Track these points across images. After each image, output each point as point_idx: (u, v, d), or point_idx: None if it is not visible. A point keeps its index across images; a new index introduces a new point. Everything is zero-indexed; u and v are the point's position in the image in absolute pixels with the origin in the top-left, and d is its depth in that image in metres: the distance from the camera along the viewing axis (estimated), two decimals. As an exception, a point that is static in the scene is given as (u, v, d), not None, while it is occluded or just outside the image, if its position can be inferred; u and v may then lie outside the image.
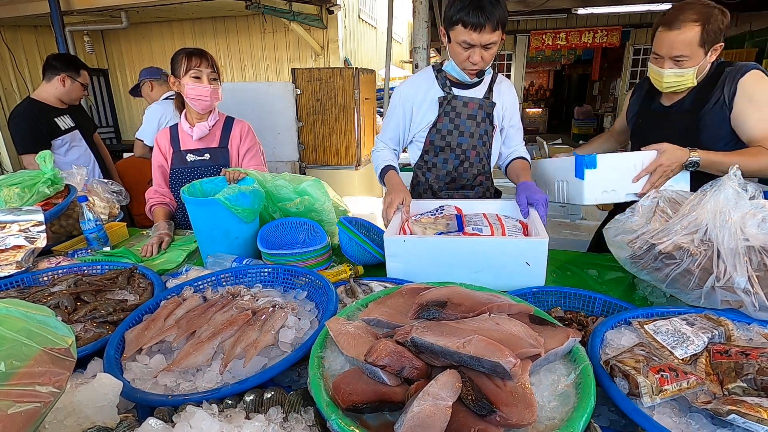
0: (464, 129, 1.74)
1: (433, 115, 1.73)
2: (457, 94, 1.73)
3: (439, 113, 1.73)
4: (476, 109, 1.73)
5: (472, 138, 1.76)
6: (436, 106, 1.73)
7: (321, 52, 5.78)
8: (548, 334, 0.81)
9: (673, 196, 1.24)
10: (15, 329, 0.62)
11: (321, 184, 1.65)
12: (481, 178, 1.86)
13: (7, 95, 5.67)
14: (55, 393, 0.62)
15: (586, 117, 11.13)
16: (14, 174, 1.74)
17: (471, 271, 1.22)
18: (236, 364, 0.90)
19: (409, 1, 4.59)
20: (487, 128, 1.77)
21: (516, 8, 7.31)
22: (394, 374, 0.74)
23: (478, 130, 1.75)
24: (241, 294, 1.15)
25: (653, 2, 6.97)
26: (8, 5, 4.76)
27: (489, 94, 1.75)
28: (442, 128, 1.75)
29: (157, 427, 0.68)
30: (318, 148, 4.19)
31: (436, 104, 1.73)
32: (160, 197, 1.97)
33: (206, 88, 1.80)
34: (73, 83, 2.57)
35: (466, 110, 1.73)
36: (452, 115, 1.73)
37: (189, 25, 6.34)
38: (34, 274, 1.36)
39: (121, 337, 0.99)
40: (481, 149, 1.79)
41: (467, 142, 1.76)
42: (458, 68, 1.62)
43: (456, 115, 1.73)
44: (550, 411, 0.71)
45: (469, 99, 1.73)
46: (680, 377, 0.75)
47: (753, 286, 0.95)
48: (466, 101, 1.72)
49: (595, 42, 8.70)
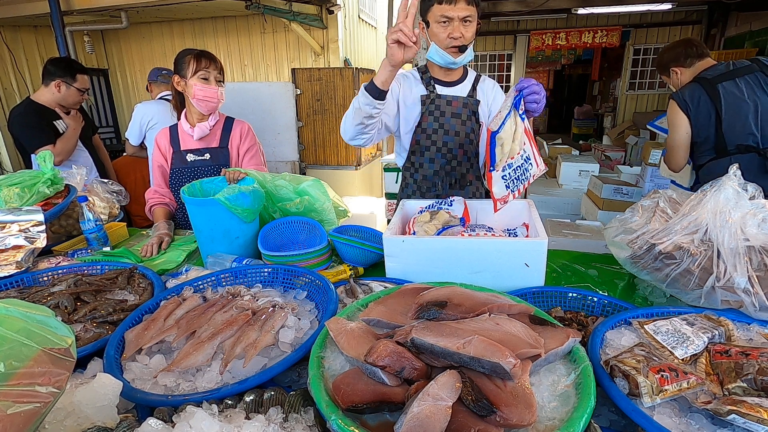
0: (449, 128, 1.75)
1: (417, 112, 1.74)
2: (440, 93, 1.74)
3: (423, 112, 1.74)
4: (460, 108, 1.74)
5: (458, 137, 1.76)
6: (419, 104, 1.74)
7: (321, 52, 5.77)
8: (548, 334, 0.81)
9: (674, 196, 1.24)
10: (15, 329, 0.62)
11: (321, 184, 1.65)
12: (470, 178, 1.87)
13: (7, 95, 5.67)
14: (54, 393, 0.62)
15: (586, 117, 11.12)
16: (14, 174, 1.74)
17: (470, 272, 1.21)
18: (236, 364, 0.89)
19: (409, 1, 4.59)
20: (474, 126, 1.77)
21: (516, 8, 7.30)
22: (394, 374, 0.74)
23: (464, 128, 1.76)
24: (241, 294, 1.15)
25: (653, 2, 6.96)
26: (8, 5, 4.76)
27: (473, 93, 1.77)
28: (427, 127, 1.76)
29: (157, 427, 0.68)
30: (318, 148, 4.19)
31: (418, 102, 1.74)
32: (160, 197, 1.97)
33: (214, 90, 1.82)
34: (69, 89, 2.54)
35: (450, 108, 1.74)
36: (437, 114, 1.74)
37: (189, 25, 6.34)
38: (34, 274, 1.36)
39: (121, 337, 0.99)
40: (468, 148, 1.80)
41: (453, 141, 1.77)
42: (441, 50, 1.63)
43: (440, 113, 1.74)
44: (550, 411, 0.71)
45: (453, 97, 1.74)
46: (680, 377, 0.75)
47: (753, 286, 0.95)
48: (450, 100, 1.74)
49: (595, 42, 8.69)
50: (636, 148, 6.54)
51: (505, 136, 1.32)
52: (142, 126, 2.98)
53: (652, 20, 8.49)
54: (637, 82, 9.12)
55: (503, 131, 1.31)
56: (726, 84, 2.20)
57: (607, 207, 3.76)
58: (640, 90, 9.16)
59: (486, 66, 9.94)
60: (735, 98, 2.17)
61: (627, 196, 3.76)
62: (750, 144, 2.17)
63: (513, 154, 1.36)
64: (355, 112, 1.51)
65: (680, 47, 2.41)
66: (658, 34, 8.70)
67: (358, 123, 1.52)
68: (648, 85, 9.07)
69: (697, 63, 2.35)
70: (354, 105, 1.51)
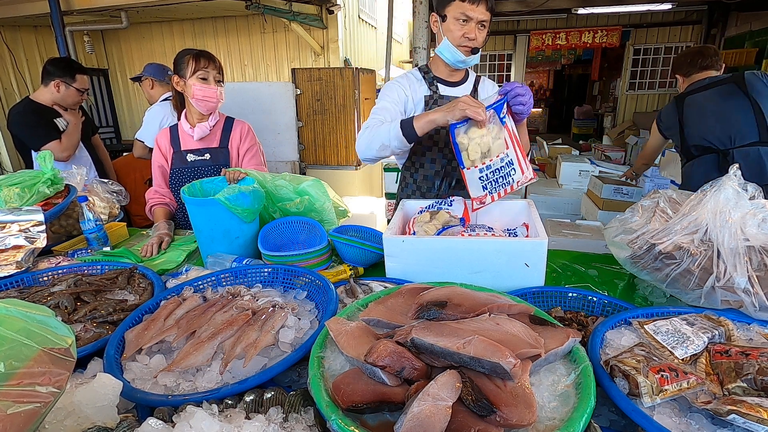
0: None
1: (420, 112, 1.74)
2: (443, 93, 1.74)
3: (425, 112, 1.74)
4: None
5: None
6: (422, 104, 1.74)
7: (321, 52, 5.77)
8: (548, 334, 0.81)
9: (674, 196, 1.24)
10: (15, 329, 0.62)
11: (321, 184, 1.65)
12: None
13: (7, 95, 5.67)
14: (54, 393, 0.62)
15: (586, 117, 11.13)
16: (14, 174, 1.74)
17: (470, 272, 1.21)
18: (236, 364, 0.89)
19: (409, 1, 4.60)
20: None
21: (516, 8, 7.31)
22: (394, 374, 0.74)
23: None
24: (241, 294, 1.15)
25: (653, 2, 6.96)
26: (8, 5, 4.76)
27: (474, 94, 1.78)
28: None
29: (157, 427, 0.68)
30: (318, 148, 4.19)
31: (422, 102, 1.74)
32: (160, 197, 1.97)
33: (214, 90, 1.82)
34: (68, 89, 2.54)
35: None
36: None
37: (189, 25, 6.34)
38: (34, 274, 1.36)
39: (121, 337, 0.99)
40: None
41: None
42: (453, 47, 1.63)
43: None
44: (550, 411, 0.71)
45: (455, 98, 1.74)
46: (680, 377, 0.75)
47: (753, 286, 0.95)
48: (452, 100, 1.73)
49: (595, 42, 8.70)
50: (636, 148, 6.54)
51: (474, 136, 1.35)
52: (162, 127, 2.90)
53: (652, 20, 8.49)
54: (637, 82, 9.12)
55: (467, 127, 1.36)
56: (695, 96, 2.46)
57: (607, 207, 3.76)
58: (640, 90, 9.16)
59: (486, 66, 9.94)
60: (698, 107, 2.45)
61: (627, 196, 3.77)
62: (708, 146, 2.42)
63: (492, 156, 1.36)
64: (381, 146, 1.54)
65: (688, 57, 2.56)
66: (658, 34, 8.71)
67: (384, 150, 1.56)
68: (648, 85, 9.08)
69: (695, 75, 2.52)
70: (381, 139, 1.52)
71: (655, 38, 8.75)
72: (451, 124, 1.38)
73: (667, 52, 8.72)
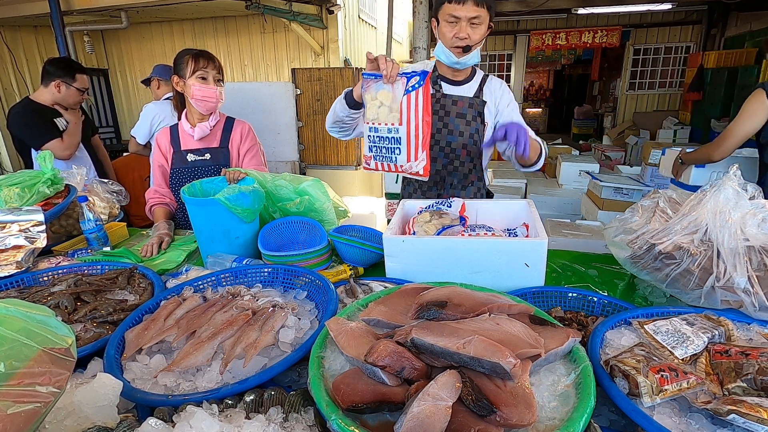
0: (453, 128, 1.75)
1: None
2: (446, 92, 1.74)
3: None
4: (466, 108, 1.74)
5: (462, 137, 1.76)
6: None
7: (321, 52, 5.77)
8: (548, 334, 0.81)
9: (674, 196, 1.24)
10: (15, 329, 0.62)
11: (321, 184, 1.65)
12: (472, 178, 1.86)
13: (7, 95, 5.67)
14: (55, 393, 0.62)
15: (586, 117, 11.13)
16: (14, 174, 1.74)
17: (470, 272, 1.21)
18: (236, 364, 0.89)
19: (409, 1, 4.60)
20: (478, 127, 1.77)
21: (516, 8, 7.31)
22: (394, 374, 0.74)
23: (468, 128, 1.76)
24: (241, 294, 1.15)
25: (653, 2, 6.97)
26: (8, 5, 4.76)
27: (479, 93, 1.77)
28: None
29: (157, 427, 0.68)
30: (318, 148, 4.19)
31: None
32: (160, 197, 1.97)
33: (213, 90, 1.82)
34: (69, 89, 2.54)
35: (455, 108, 1.74)
36: (441, 114, 1.74)
37: (189, 25, 6.34)
38: (34, 274, 1.36)
39: (121, 337, 0.99)
40: (472, 148, 1.79)
41: (456, 141, 1.76)
42: (446, 50, 1.65)
43: (445, 113, 1.74)
44: (550, 411, 0.71)
45: (459, 98, 1.74)
46: (680, 377, 0.75)
47: (753, 286, 0.95)
48: (456, 100, 1.73)
49: (595, 42, 8.70)
50: (636, 148, 6.55)
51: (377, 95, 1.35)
52: (153, 125, 2.98)
53: (652, 20, 8.49)
54: (637, 82, 9.12)
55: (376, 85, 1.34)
56: None
57: (607, 207, 3.76)
58: (640, 90, 9.16)
59: (486, 66, 9.94)
60: None
61: (627, 196, 3.77)
62: None
63: (381, 121, 1.34)
64: (334, 113, 1.63)
65: None
66: (658, 34, 8.71)
67: (336, 121, 1.66)
68: (648, 85, 9.07)
69: None
70: (333, 106, 1.62)
71: (655, 38, 8.75)
72: (363, 74, 1.39)
73: (667, 52, 8.72)
